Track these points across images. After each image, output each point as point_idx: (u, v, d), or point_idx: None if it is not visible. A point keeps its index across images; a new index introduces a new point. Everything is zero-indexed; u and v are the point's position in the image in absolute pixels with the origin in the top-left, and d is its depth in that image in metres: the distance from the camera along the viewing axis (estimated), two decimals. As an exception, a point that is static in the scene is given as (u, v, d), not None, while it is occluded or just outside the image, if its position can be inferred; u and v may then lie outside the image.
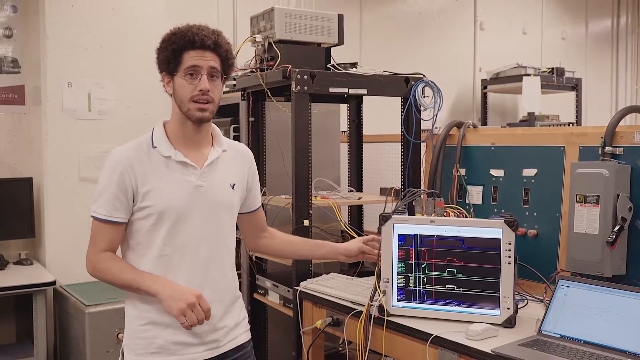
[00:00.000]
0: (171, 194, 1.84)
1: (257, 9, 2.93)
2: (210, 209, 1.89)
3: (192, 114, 1.85)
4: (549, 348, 1.79)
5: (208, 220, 1.88)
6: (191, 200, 1.86)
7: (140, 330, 1.88)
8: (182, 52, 1.83)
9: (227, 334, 1.95)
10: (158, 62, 1.89)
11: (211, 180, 1.91)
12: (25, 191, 3.74)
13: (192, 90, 1.83)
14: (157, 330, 1.86)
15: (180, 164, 1.87)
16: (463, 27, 6.16)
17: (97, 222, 1.86)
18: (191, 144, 1.91)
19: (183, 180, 1.86)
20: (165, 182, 1.85)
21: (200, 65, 1.83)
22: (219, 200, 1.92)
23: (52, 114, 3.69)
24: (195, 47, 1.82)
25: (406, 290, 2.12)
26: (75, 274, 3.66)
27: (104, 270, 1.87)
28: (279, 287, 2.81)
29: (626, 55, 7.70)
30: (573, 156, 2.31)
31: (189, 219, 1.86)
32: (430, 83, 2.87)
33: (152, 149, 1.88)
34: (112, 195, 1.83)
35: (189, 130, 1.90)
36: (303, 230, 2.60)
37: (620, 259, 2.09)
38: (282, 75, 2.62)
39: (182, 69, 1.83)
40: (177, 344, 1.86)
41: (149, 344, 1.86)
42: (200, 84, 1.83)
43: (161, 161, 1.86)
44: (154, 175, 1.84)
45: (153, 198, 1.83)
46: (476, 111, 6.24)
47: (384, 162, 3.46)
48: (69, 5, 3.72)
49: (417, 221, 2.15)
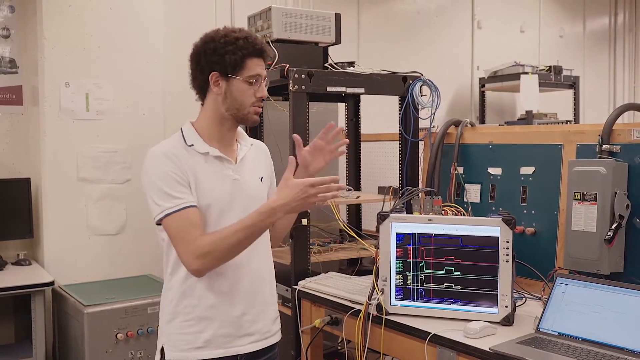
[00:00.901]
0: (215, 188, 1.90)
1: (255, 8, 2.93)
2: (247, 202, 1.94)
3: (250, 117, 1.95)
4: (547, 346, 1.79)
5: (246, 213, 1.90)
6: (232, 193, 1.93)
7: (186, 325, 1.91)
8: (246, 57, 1.91)
9: (269, 327, 2.03)
10: (215, 61, 1.90)
11: (244, 175, 1.98)
12: (24, 191, 3.73)
13: (252, 96, 1.93)
14: (203, 325, 1.90)
15: (217, 159, 1.94)
16: (461, 26, 6.16)
17: (175, 216, 1.81)
18: (224, 141, 1.98)
19: (223, 175, 1.93)
20: (207, 177, 1.90)
21: (262, 75, 1.94)
22: (253, 193, 1.99)
23: (50, 114, 3.69)
24: (258, 55, 1.93)
25: (404, 289, 2.13)
26: (74, 274, 3.66)
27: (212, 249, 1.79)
28: (278, 286, 2.80)
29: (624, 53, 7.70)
30: (571, 154, 2.31)
31: (231, 211, 1.91)
32: (428, 82, 2.87)
33: (189, 147, 1.92)
34: (174, 184, 1.83)
35: (225, 129, 1.98)
36: (301, 229, 2.60)
37: (617, 256, 2.09)
38: (279, 75, 2.62)
39: (246, 75, 1.91)
40: (223, 336, 1.91)
41: (195, 338, 1.90)
42: (260, 91, 1.94)
43: (200, 157, 1.92)
44: (197, 170, 1.89)
45: (198, 192, 1.88)
46: (474, 109, 6.24)
47: (382, 161, 3.46)
48: (67, 5, 3.71)
49: (415, 220, 2.16)
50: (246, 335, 1.95)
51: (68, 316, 3.42)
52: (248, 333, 1.96)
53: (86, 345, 3.17)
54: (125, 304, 3.25)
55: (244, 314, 1.95)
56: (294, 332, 2.59)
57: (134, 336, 3.24)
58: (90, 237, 3.73)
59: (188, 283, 1.91)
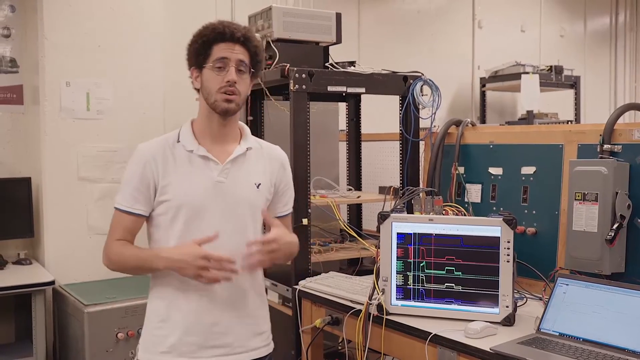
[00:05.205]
0: (189, 188, 1.85)
1: (255, 8, 2.92)
2: (230, 206, 1.87)
3: (218, 105, 1.85)
4: (548, 346, 1.79)
5: (227, 217, 1.86)
6: (209, 195, 1.85)
7: (155, 327, 1.89)
8: (212, 44, 1.84)
9: (244, 342, 1.91)
10: (188, 56, 1.90)
11: (234, 178, 1.89)
12: (24, 191, 3.73)
13: (219, 82, 1.83)
14: (170, 328, 1.85)
15: (202, 158, 1.88)
16: (461, 25, 6.16)
17: (118, 212, 1.89)
18: (217, 140, 1.91)
19: (203, 175, 1.87)
20: (184, 176, 1.86)
21: (229, 57, 1.83)
22: (240, 197, 1.89)
23: (50, 113, 3.68)
24: (226, 39, 1.84)
25: (405, 289, 2.12)
26: (74, 274, 3.66)
27: (115, 259, 1.87)
28: (278, 286, 2.81)
29: (625, 52, 7.70)
30: (572, 154, 2.31)
31: (207, 214, 1.85)
32: (428, 81, 2.87)
33: (177, 143, 1.89)
34: (133, 188, 1.85)
35: (215, 124, 1.90)
36: (302, 229, 2.60)
37: (619, 256, 2.09)
38: (280, 74, 2.61)
39: (211, 61, 1.83)
40: (189, 344, 1.84)
41: (162, 341, 1.86)
42: (227, 75, 1.83)
43: (184, 156, 1.88)
44: (175, 169, 1.86)
45: (171, 191, 1.84)
46: (475, 109, 6.24)
47: (382, 161, 3.46)
48: (67, 5, 3.71)
49: (416, 220, 2.16)
50: (213, 347, 1.85)
51: (68, 315, 3.42)
52: (216, 345, 1.86)
53: (86, 345, 3.16)
54: (126, 304, 3.25)
55: (215, 324, 1.86)
56: (295, 332, 2.59)
57: (135, 335, 3.23)
58: (91, 236, 3.72)
59: (161, 283, 1.87)
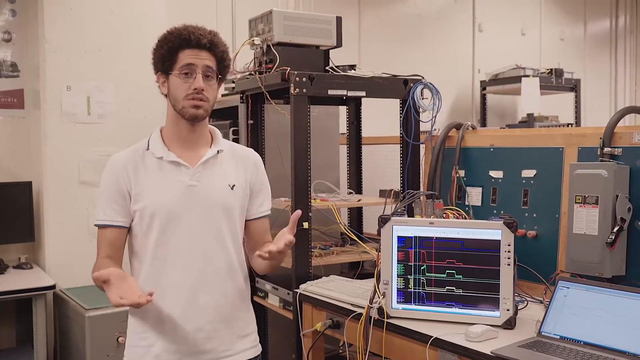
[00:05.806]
0: (161, 195, 1.83)
1: (256, 12, 2.93)
2: (205, 210, 1.86)
3: (185, 111, 1.83)
4: (549, 349, 1.79)
5: (203, 221, 1.85)
6: (183, 200, 1.84)
7: (138, 338, 1.87)
8: (177, 50, 1.82)
9: (228, 346, 1.91)
10: (154, 61, 1.89)
11: (206, 180, 1.88)
12: (25, 195, 3.74)
13: (186, 89, 1.82)
14: (153, 338, 1.85)
15: (172, 164, 1.86)
16: (462, 29, 6.17)
17: (100, 229, 1.88)
18: (187, 145, 1.89)
19: (175, 181, 1.85)
20: (156, 183, 1.84)
21: (196, 64, 1.81)
22: (214, 200, 1.88)
23: (51, 117, 3.69)
24: (191, 45, 1.81)
25: (406, 292, 2.12)
26: (75, 278, 3.66)
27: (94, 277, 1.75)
28: (279, 289, 2.81)
29: (625, 55, 7.71)
30: (572, 157, 2.31)
31: (182, 219, 1.84)
32: (429, 85, 2.87)
33: (146, 151, 1.88)
34: (110, 200, 1.84)
35: (184, 130, 1.88)
36: (302, 233, 2.60)
37: (619, 259, 2.09)
38: (280, 78, 2.62)
39: (177, 68, 1.82)
40: (174, 353, 1.84)
41: (146, 352, 1.85)
42: (195, 83, 1.81)
43: (154, 163, 1.86)
44: (146, 177, 1.84)
45: (144, 199, 1.83)
46: (475, 112, 6.25)
47: (383, 164, 3.46)
48: (68, 9, 3.72)
49: (417, 223, 2.15)
50: (199, 353, 1.85)
51: (69, 320, 3.42)
52: (201, 351, 1.85)
53: (87, 349, 3.16)
54: (127, 308, 3.23)
55: (199, 330, 1.85)
56: (296, 335, 2.59)
57: (135, 340, 3.23)
58: (92, 240, 3.67)
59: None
